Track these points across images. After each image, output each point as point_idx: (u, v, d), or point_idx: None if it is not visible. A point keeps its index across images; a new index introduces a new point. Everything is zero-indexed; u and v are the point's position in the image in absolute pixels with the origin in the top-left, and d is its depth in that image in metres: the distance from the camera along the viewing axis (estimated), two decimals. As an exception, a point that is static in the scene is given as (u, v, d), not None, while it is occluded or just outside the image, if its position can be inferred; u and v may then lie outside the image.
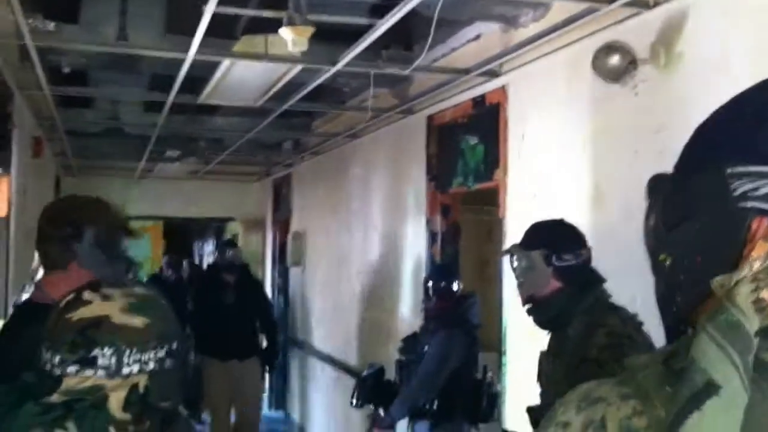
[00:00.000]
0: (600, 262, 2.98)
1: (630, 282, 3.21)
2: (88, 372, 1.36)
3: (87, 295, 1.44)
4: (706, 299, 0.81)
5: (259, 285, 8.11)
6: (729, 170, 0.83)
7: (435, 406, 4.75)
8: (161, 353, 1.41)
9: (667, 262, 0.88)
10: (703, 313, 0.79)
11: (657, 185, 0.96)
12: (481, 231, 6.91)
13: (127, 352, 1.38)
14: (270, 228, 11.35)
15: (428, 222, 5.65)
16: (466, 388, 4.77)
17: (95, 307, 1.41)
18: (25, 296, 3.96)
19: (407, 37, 5.13)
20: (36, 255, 4.06)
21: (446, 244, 5.62)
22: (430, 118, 5.67)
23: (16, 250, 5.09)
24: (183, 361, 1.47)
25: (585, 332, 2.69)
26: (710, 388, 0.71)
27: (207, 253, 15.84)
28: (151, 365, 1.39)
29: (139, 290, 1.50)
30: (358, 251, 7.24)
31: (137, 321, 1.41)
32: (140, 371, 1.38)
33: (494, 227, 6.87)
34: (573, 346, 2.70)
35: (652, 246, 0.93)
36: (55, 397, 1.34)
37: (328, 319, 8.11)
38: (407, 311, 5.97)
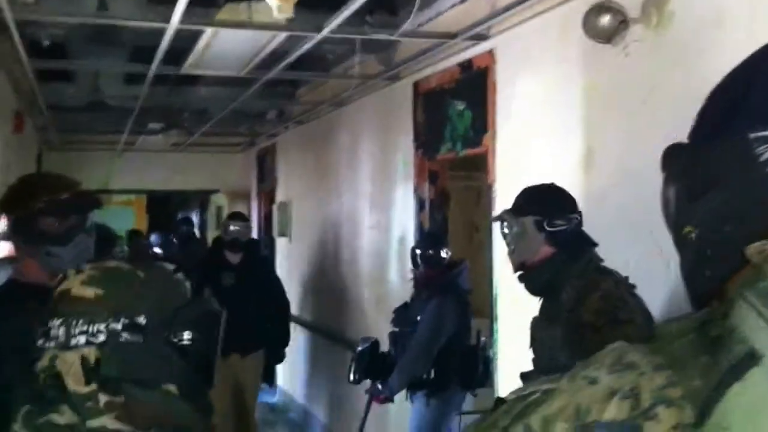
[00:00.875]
0: (591, 226, 2.97)
1: (622, 245, 3.22)
2: (49, 344, 1.37)
3: (69, 272, 1.45)
4: (739, 269, 0.77)
5: (268, 264, 7.38)
6: (752, 135, 0.79)
7: (432, 375, 4.73)
8: (116, 325, 1.37)
9: (693, 235, 0.84)
10: (736, 282, 0.75)
11: (674, 155, 0.92)
12: (470, 197, 6.88)
13: (73, 323, 1.36)
14: (255, 199, 11.30)
15: (416, 189, 5.62)
16: (460, 355, 4.76)
17: (67, 282, 1.43)
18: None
19: (391, 1, 5.06)
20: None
21: (435, 211, 5.60)
22: (416, 84, 5.61)
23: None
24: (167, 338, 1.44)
25: (578, 297, 2.68)
26: (752, 358, 0.67)
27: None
28: (101, 337, 1.36)
29: (111, 263, 1.49)
30: (345, 220, 7.21)
31: (89, 292, 1.39)
32: (87, 343, 1.35)
33: (483, 193, 6.88)
34: (567, 311, 2.69)
35: (673, 219, 0.89)
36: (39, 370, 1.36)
37: (318, 289, 8.09)
38: (397, 279, 5.95)
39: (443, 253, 4.92)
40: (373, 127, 6.58)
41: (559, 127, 3.91)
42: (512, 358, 4.33)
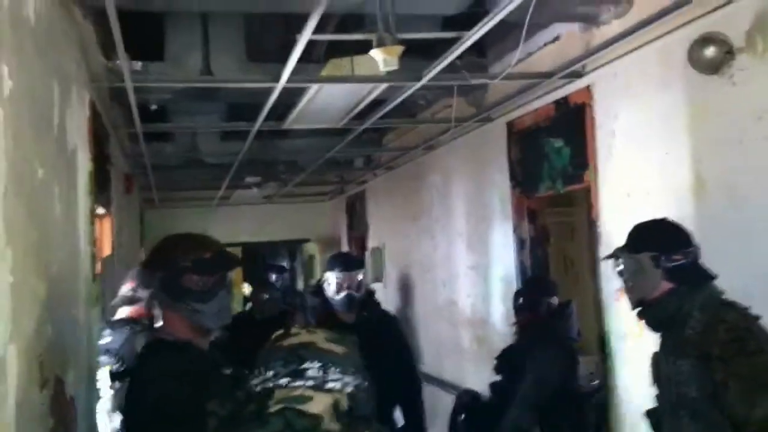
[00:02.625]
0: (707, 256, 2.95)
1: (740, 274, 3.17)
2: (298, 382, 1.49)
3: (294, 330, 1.61)
4: None
5: (394, 324, 5.11)
6: None
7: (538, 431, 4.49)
8: (358, 381, 1.50)
9: None
10: None
11: None
12: (565, 232, 6.86)
13: (332, 368, 1.52)
14: (346, 245, 11.44)
15: (515, 228, 5.64)
16: (570, 407, 4.53)
17: (302, 336, 1.58)
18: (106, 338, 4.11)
19: (479, 43, 5.15)
20: (120, 293, 4.22)
21: (535, 249, 5.60)
22: (509, 123, 5.67)
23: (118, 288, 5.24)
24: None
25: (704, 330, 2.67)
26: None
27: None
28: (350, 388, 1.49)
29: (333, 333, 1.66)
30: (441, 262, 7.25)
31: (338, 348, 1.51)
32: (341, 389, 1.47)
33: (576, 227, 6.85)
34: (693, 346, 2.68)
35: None
36: (271, 405, 1.44)
37: (416, 333, 8.09)
38: (499, 319, 5.95)
39: (552, 300, 4.72)
40: (465, 168, 6.64)
41: (665, 158, 3.89)
42: (629, 393, 4.28)
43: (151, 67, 4.68)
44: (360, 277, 4.65)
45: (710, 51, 3.31)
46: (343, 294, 4.54)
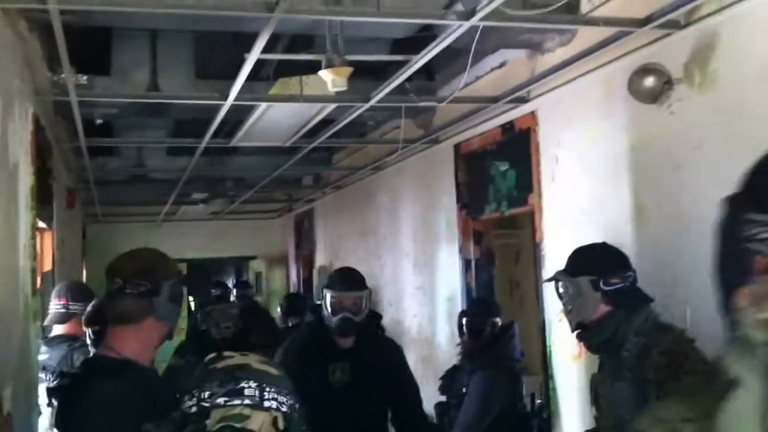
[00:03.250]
0: (646, 281, 3.02)
1: (679, 299, 3.26)
2: (236, 401, 1.50)
3: (227, 353, 1.63)
4: None
5: (397, 355, 4.18)
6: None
7: None
8: (292, 401, 1.53)
9: None
10: None
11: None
12: (510, 254, 6.94)
13: (267, 388, 1.53)
14: (293, 263, 11.41)
15: (461, 249, 5.69)
16: (512, 427, 4.50)
17: (236, 359, 1.59)
18: (43, 355, 4.03)
19: (428, 67, 5.21)
20: (51, 311, 4.15)
21: (480, 270, 5.66)
22: (457, 146, 5.74)
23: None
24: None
25: (640, 353, 2.72)
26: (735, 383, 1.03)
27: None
28: (285, 408, 1.52)
29: (261, 356, 1.67)
30: (388, 282, 7.28)
31: (273, 369, 1.55)
32: (277, 408, 1.50)
33: (522, 250, 6.95)
34: (629, 368, 2.73)
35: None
36: (210, 425, 1.45)
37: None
38: (444, 340, 5.99)
39: (493, 321, 4.65)
40: (413, 189, 6.70)
41: (606, 184, 3.99)
42: (570, 413, 4.35)
43: (97, 81, 4.64)
44: (361, 298, 3.92)
45: (649, 81, 3.40)
46: (339, 316, 3.85)
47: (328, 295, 3.91)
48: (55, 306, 4.18)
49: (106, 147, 6.73)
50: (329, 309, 3.89)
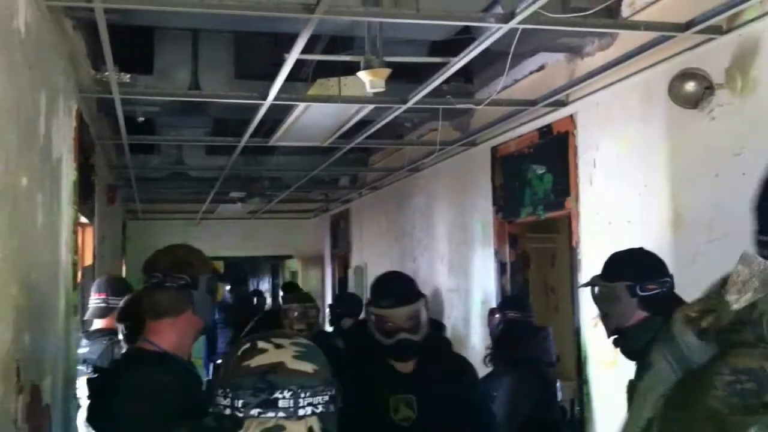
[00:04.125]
0: (683, 287, 2.99)
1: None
2: (270, 414, 1.47)
3: (261, 344, 1.56)
4: None
5: (470, 376, 3.33)
6: None
7: None
8: (327, 398, 1.52)
9: None
10: None
11: None
12: (546, 258, 6.91)
13: (302, 394, 1.49)
14: (329, 263, 11.46)
15: (497, 252, 5.68)
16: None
17: (270, 354, 1.53)
18: (84, 349, 4.09)
19: (466, 69, 5.21)
20: (91, 305, 4.20)
21: (516, 273, 5.64)
22: (494, 149, 5.73)
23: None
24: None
25: None
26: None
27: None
28: (320, 408, 1.50)
29: (301, 340, 1.62)
30: (422, 284, 7.26)
31: (308, 366, 1.52)
32: (312, 413, 1.49)
33: (558, 254, 6.91)
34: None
35: None
36: None
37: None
38: (479, 342, 5.98)
39: (525, 318, 4.58)
40: (449, 191, 6.70)
41: (644, 189, 3.96)
42: (604, 420, 4.31)
43: (139, 79, 4.72)
44: (418, 312, 3.05)
45: (690, 86, 3.37)
46: (394, 339, 3.02)
47: (375, 315, 3.05)
48: (95, 300, 4.24)
49: (146, 144, 6.83)
50: (379, 331, 3.06)
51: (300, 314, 5.08)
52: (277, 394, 1.47)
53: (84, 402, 3.74)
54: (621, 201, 4.16)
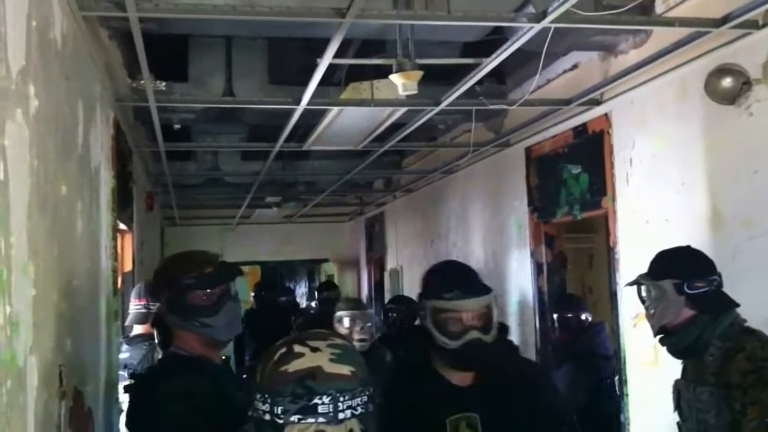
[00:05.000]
0: (725, 285, 2.95)
1: (759, 303, 3.17)
2: (310, 419, 1.48)
3: (297, 347, 1.56)
4: None
5: (546, 383, 2.74)
6: None
7: None
8: (365, 398, 1.52)
9: None
10: None
11: None
12: (583, 258, 6.86)
13: (341, 398, 1.49)
14: (365, 266, 11.48)
15: (533, 253, 5.65)
16: (597, 425, 4.39)
17: (307, 359, 1.53)
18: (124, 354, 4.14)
19: (498, 70, 5.19)
20: (131, 310, 4.26)
21: (552, 274, 5.61)
22: (528, 149, 5.70)
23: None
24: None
25: (724, 358, 2.66)
26: None
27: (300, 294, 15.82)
28: (360, 410, 1.51)
29: (338, 341, 1.62)
30: (459, 285, 7.25)
31: (345, 369, 1.53)
32: (352, 416, 1.50)
33: (595, 254, 6.85)
34: (713, 373, 2.68)
35: None
36: None
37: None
38: (517, 343, 5.94)
39: (583, 316, 4.83)
40: (484, 192, 6.67)
41: (682, 187, 3.91)
42: (646, 421, 4.27)
43: (174, 87, 4.77)
44: (489, 307, 2.47)
45: (727, 82, 3.33)
46: (463, 340, 2.39)
47: (438, 309, 2.43)
48: (135, 306, 4.30)
49: (183, 151, 6.90)
50: (441, 330, 2.43)
51: (356, 322, 4.55)
52: (317, 400, 1.48)
53: (126, 406, 3.80)
54: (658, 199, 4.12)
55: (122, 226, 4.68)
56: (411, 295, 6.95)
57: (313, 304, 12.13)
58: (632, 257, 4.30)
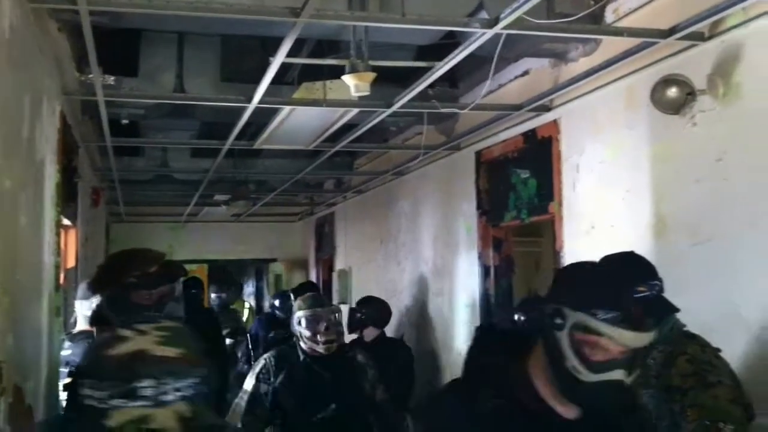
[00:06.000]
0: (668, 291, 3.02)
1: (699, 309, 3.25)
2: (133, 403, 1.44)
3: (123, 332, 1.52)
4: None
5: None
6: None
7: None
8: (197, 381, 1.49)
9: None
10: None
11: None
12: (529, 262, 6.94)
13: (165, 380, 1.46)
14: (313, 267, 11.45)
15: (480, 256, 5.70)
16: None
17: (132, 343, 1.49)
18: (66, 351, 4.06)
19: (451, 74, 5.23)
20: (77, 309, 4.18)
21: (500, 277, 5.66)
22: (478, 153, 5.75)
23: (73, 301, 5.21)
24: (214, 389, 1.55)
25: (665, 361, 2.72)
26: None
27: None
28: (189, 392, 1.47)
29: (168, 323, 1.58)
30: (408, 287, 7.29)
31: (172, 351, 1.49)
32: (181, 398, 1.46)
33: (542, 258, 6.94)
34: (654, 376, 2.73)
35: None
36: (109, 424, 1.43)
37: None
38: (463, 346, 5.99)
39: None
40: (434, 195, 6.71)
41: (627, 193, 3.99)
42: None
43: (124, 82, 4.71)
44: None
45: (672, 92, 3.40)
46: (603, 377, 1.88)
47: (589, 331, 1.84)
48: (84, 304, 4.21)
49: (131, 147, 6.80)
50: (582, 358, 1.86)
51: (318, 322, 4.04)
52: (138, 383, 1.43)
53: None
54: (604, 205, 4.19)
55: (66, 222, 4.60)
56: (359, 296, 6.96)
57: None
58: (577, 261, 4.36)
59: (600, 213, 4.23)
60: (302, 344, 4.08)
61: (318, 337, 4.03)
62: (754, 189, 3.17)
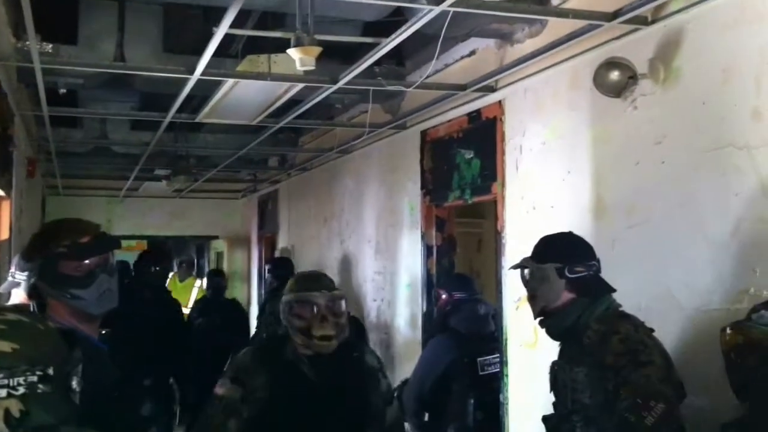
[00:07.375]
0: (605, 271, 3.07)
1: (633, 289, 3.32)
2: None
3: None
4: None
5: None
6: None
7: (426, 418, 4.58)
8: (33, 378, 1.42)
9: None
10: None
11: None
12: (472, 242, 7.00)
13: None
14: (255, 244, 11.37)
15: (423, 235, 5.72)
16: (456, 398, 4.49)
17: None
18: None
19: (398, 52, 5.22)
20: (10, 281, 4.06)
21: (442, 257, 5.69)
22: (423, 132, 5.75)
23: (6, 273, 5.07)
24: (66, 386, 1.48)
25: (600, 340, 2.77)
26: None
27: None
28: (21, 390, 1.40)
29: (11, 315, 1.52)
30: (350, 265, 7.29)
31: (5, 346, 1.43)
32: (9, 395, 1.39)
33: (484, 239, 7.00)
34: (589, 355, 2.78)
35: None
36: None
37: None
38: (404, 324, 6.02)
39: (454, 294, 4.79)
40: (378, 174, 6.71)
41: (567, 175, 4.03)
42: (521, 400, 4.40)
43: (62, 49, 4.57)
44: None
45: (614, 75, 3.44)
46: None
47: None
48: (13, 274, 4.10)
49: (69, 117, 6.62)
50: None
51: (320, 307, 3.03)
52: None
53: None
54: (545, 187, 4.24)
55: (0, 192, 4.47)
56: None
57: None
58: (518, 242, 4.42)
59: (541, 194, 4.27)
60: (297, 340, 3.02)
61: (312, 330, 2.99)
62: (689, 172, 3.23)
